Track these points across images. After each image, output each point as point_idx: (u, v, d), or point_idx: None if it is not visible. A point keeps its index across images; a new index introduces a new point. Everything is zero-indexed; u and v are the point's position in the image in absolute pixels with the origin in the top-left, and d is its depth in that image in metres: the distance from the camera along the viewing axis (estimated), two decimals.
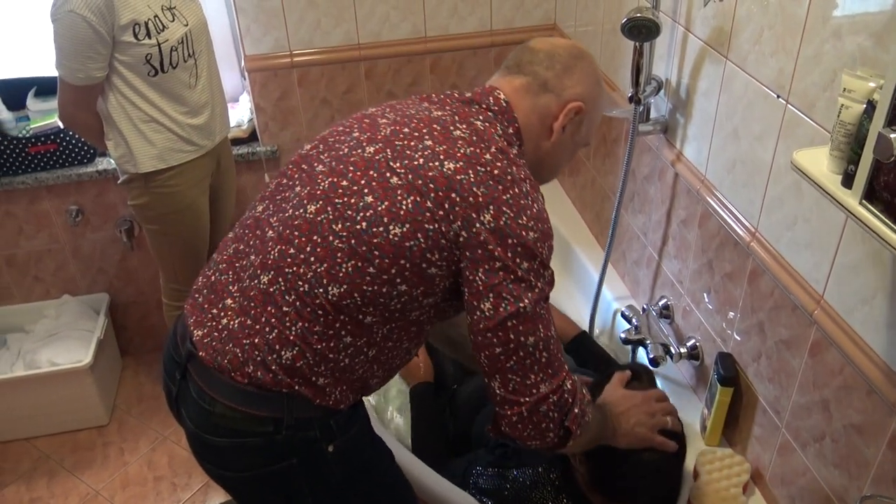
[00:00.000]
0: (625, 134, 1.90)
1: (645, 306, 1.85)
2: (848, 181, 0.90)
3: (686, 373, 1.74)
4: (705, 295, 1.60)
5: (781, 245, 1.30)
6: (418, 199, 1.07)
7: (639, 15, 1.49)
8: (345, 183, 1.13)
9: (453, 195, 1.07)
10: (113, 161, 1.96)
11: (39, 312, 2.60)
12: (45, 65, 2.21)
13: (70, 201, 2.41)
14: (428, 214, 1.07)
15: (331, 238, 1.10)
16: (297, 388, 1.14)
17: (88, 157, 2.33)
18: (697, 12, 1.49)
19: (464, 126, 1.15)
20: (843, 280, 1.15)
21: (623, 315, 1.85)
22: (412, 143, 1.13)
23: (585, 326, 1.87)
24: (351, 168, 1.14)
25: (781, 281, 1.29)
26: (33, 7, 2.22)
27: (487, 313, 1.08)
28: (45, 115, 2.26)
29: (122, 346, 2.76)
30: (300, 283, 1.12)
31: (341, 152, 1.17)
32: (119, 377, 2.69)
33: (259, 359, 1.14)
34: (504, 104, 1.20)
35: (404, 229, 1.07)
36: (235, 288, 1.20)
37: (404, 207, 1.08)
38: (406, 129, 1.15)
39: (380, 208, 1.08)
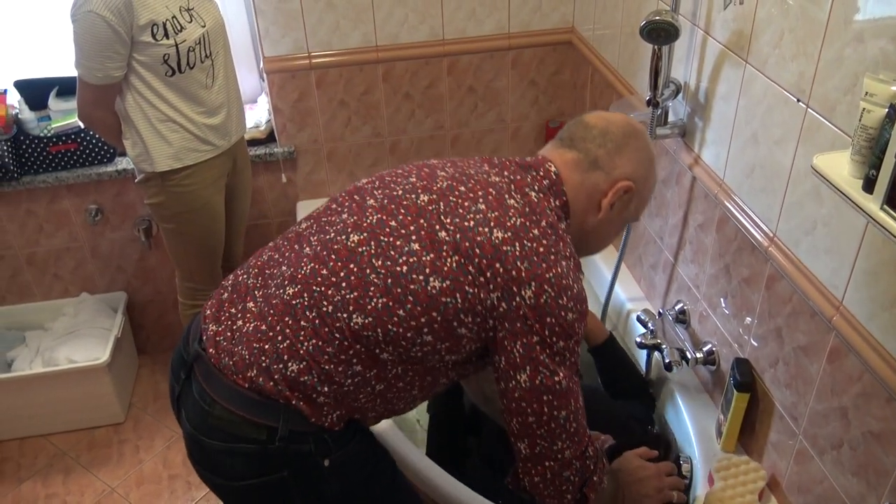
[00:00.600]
0: None
1: (661, 310, 1.84)
2: (869, 186, 0.89)
3: (702, 378, 1.73)
4: (722, 300, 1.58)
5: (800, 250, 1.29)
6: (463, 260, 1.10)
7: (658, 18, 1.48)
8: (393, 223, 1.15)
9: (497, 265, 1.09)
10: (130, 160, 1.98)
11: (58, 310, 2.62)
12: (66, 65, 2.24)
13: (90, 200, 2.44)
14: (469, 278, 1.09)
15: (368, 271, 1.12)
16: (294, 402, 1.14)
17: (108, 157, 2.36)
18: (717, 15, 1.48)
19: (518, 196, 1.17)
20: (863, 286, 1.14)
21: (639, 319, 1.84)
22: (465, 203, 1.15)
23: None
24: (402, 211, 1.16)
25: (800, 286, 1.28)
26: (55, 7, 2.25)
27: (524, 384, 1.12)
28: (66, 115, 2.28)
29: (139, 345, 2.78)
30: (325, 302, 1.13)
31: (395, 193, 1.20)
32: (136, 375, 2.71)
33: (264, 365, 1.15)
34: (554, 176, 1.21)
35: (444, 284, 1.09)
36: (260, 293, 1.21)
37: (448, 265, 1.10)
38: (462, 188, 1.17)
39: (424, 258, 1.11)
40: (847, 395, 1.20)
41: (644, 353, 1.81)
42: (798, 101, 1.24)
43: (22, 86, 2.28)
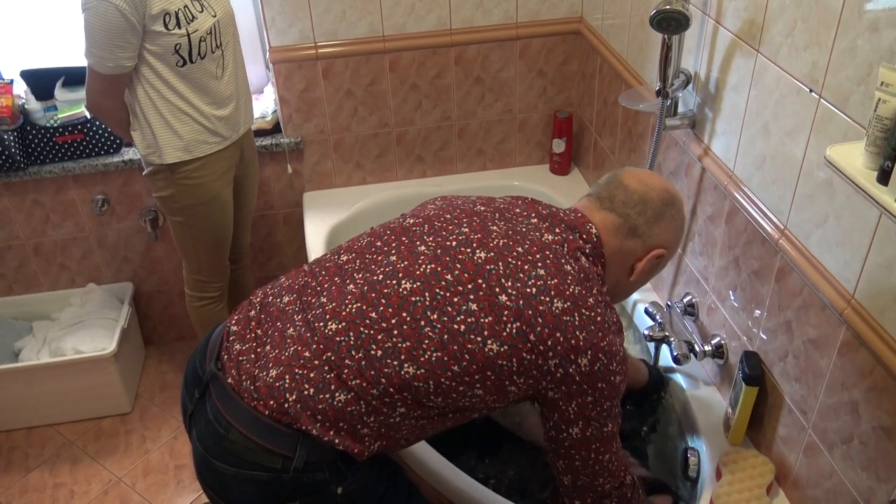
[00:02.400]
0: (651, 128, 1.88)
1: (669, 303, 1.83)
2: (884, 177, 0.88)
3: (710, 371, 1.72)
4: (731, 292, 1.57)
5: (811, 243, 1.27)
6: (524, 328, 1.11)
7: (668, 7, 1.47)
8: (449, 277, 1.15)
9: (558, 335, 1.11)
10: (139, 153, 1.97)
11: (65, 300, 2.63)
12: (72, 55, 2.23)
13: (96, 191, 2.43)
14: (528, 345, 1.11)
15: (422, 323, 1.13)
16: (332, 432, 1.13)
17: (115, 147, 2.35)
18: (728, 4, 1.46)
19: (573, 261, 1.19)
20: (876, 279, 1.13)
21: (646, 312, 1.83)
22: (525, 267, 1.15)
23: None
24: (458, 266, 1.16)
25: (811, 279, 1.26)
26: None
27: (575, 436, 1.18)
28: (72, 105, 2.28)
29: (146, 335, 2.79)
30: (374, 346, 1.13)
31: (448, 243, 1.20)
32: (142, 366, 2.71)
33: (307, 393, 1.13)
34: (595, 239, 1.25)
35: (502, 349, 1.11)
36: (300, 318, 1.19)
37: (507, 330, 1.11)
38: (519, 249, 1.18)
39: (483, 320, 1.12)
40: (858, 389, 1.19)
41: (652, 345, 1.80)
42: (811, 91, 1.23)
43: (28, 76, 2.27)
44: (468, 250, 1.18)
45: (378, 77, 2.31)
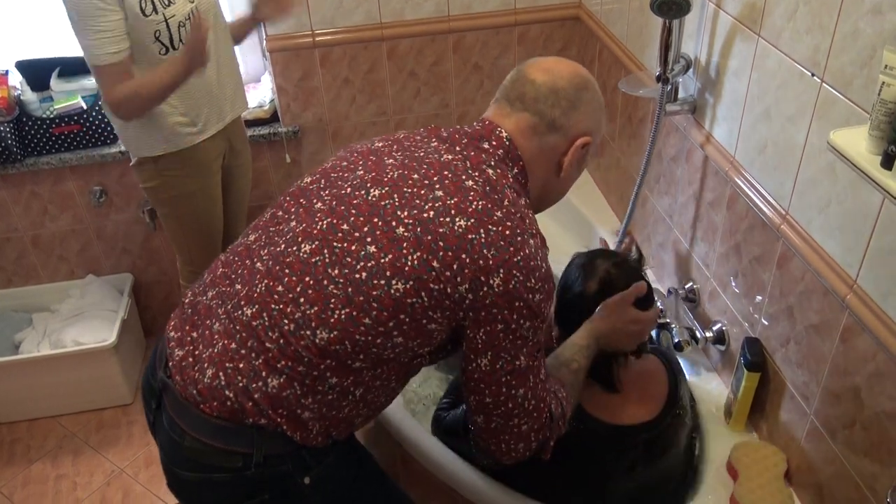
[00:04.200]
0: (651, 114, 1.87)
1: (670, 290, 1.82)
2: (888, 162, 0.87)
3: (712, 357, 1.72)
4: (732, 279, 1.57)
5: (813, 228, 1.27)
6: (426, 256, 1.03)
7: None
8: (345, 227, 1.08)
9: (463, 256, 1.03)
10: (122, 144, 1.95)
11: (64, 292, 2.62)
12: (67, 45, 2.22)
13: (94, 182, 2.42)
14: (434, 274, 1.03)
15: (325, 282, 1.06)
16: (279, 419, 1.10)
17: (112, 138, 2.34)
18: None
19: (476, 174, 1.10)
20: (878, 264, 1.12)
21: None
22: (422, 192, 1.08)
23: None
24: (353, 211, 1.09)
25: (812, 265, 1.26)
26: None
27: (483, 368, 1.09)
28: (68, 96, 2.27)
29: (146, 326, 2.78)
30: (286, 321, 1.08)
31: (343, 191, 1.13)
32: (143, 356, 2.71)
33: (242, 385, 1.09)
34: (507, 143, 1.16)
35: (407, 286, 1.04)
36: (223, 311, 1.15)
37: (409, 263, 1.03)
38: (415, 175, 1.10)
39: (383, 260, 1.04)
40: (860, 375, 1.19)
41: (654, 332, 1.80)
42: (812, 75, 1.22)
43: (24, 66, 2.26)
44: (362, 192, 1.10)
45: (376, 65, 2.30)
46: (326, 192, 1.15)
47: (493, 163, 1.13)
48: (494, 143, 1.15)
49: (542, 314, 1.09)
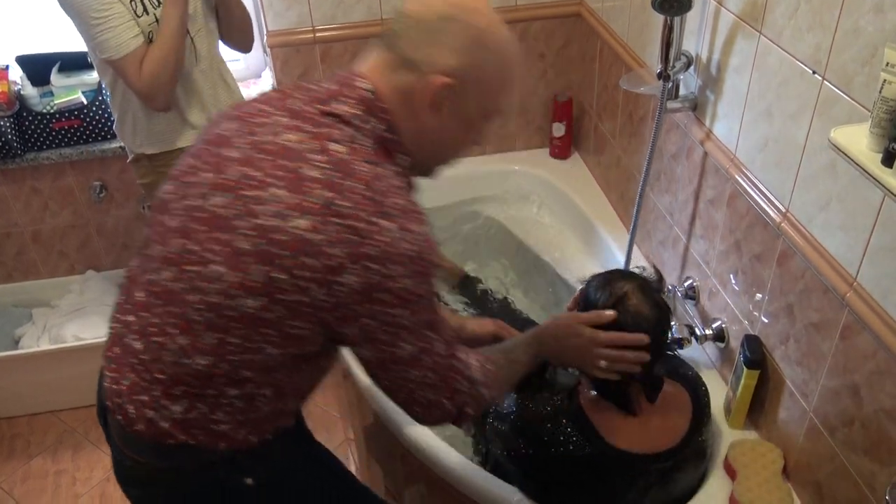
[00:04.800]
0: (652, 111, 1.86)
1: (670, 287, 1.82)
2: (889, 160, 0.87)
3: (711, 355, 1.72)
4: (732, 276, 1.57)
5: (814, 226, 1.27)
6: (268, 268, 0.94)
7: None
8: (195, 247, 0.99)
9: (307, 260, 0.93)
10: (119, 139, 1.96)
11: (64, 287, 2.63)
12: (68, 40, 2.21)
13: (94, 177, 2.42)
14: (282, 286, 0.95)
15: (188, 310, 1.00)
16: (199, 437, 1.07)
17: (112, 134, 2.34)
18: None
19: (319, 158, 0.97)
20: (879, 262, 1.12)
21: None
22: (261, 194, 0.96)
23: None
24: (200, 227, 0.99)
25: (813, 263, 1.26)
26: None
27: (366, 357, 1.05)
28: (69, 91, 2.27)
29: None
30: (164, 352, 1.04)
31: (191, 203, 1.02)
32: None
33: (151, 416, 1.07)
34: (370, 95, 1.02)
35: (260, 302, 0.96)
36: (126, 339, 1.10)
37: (256, 279, 0.95)
38: (255, 173, 0.98)
39: (231, 280, 0.96)
40: (860, 373, 1.19)
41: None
42: (814, 73, 1.21)
43: (24, 61, 2.26)
44: (206, 202, 1.00)
45: None
46: (178, 204, 1.05)
47: (344, 133, 1.00)
48: (352, 99, 1.02)
49: (417, 295, 0.98)
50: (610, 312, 1.29)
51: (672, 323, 1.70)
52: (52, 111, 2.25)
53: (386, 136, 1.03)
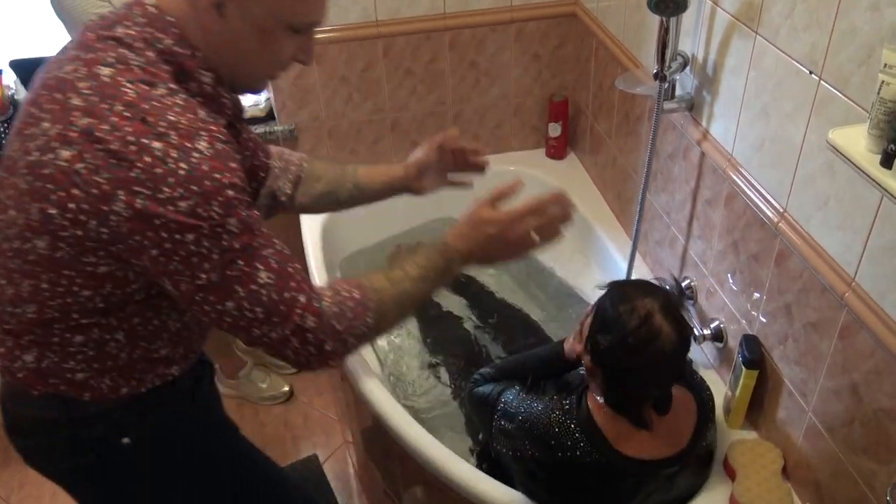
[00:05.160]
0: (648, 112, 1.86)
1: (668, 287, 1.82)
2: (888, 161, 0.87)
3: (710, 355, 1.72)
4: (730, 276, 1.57)
5: (811, 226, 1.27)
6: (42, 205, 0.92)
7: None
8: (0, 195, 0.99)
9: (74, 191, 0.89)
10: None
11: None
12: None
13: None
14: (58, 221, 0.92)
15: (5, 259, 1.00)
16: (60, 387, 1.06)
17: None
18: None
19: (85, 84, 0.92)
20: (877, 262, 1.12)
21: None
22: (34, 130, 0.93)
23: None
24: (2, 175, 1.00)
25: (811, 262, 1.26)
26: None
27: (171, 291, 0.98)
28: None
29: None
30: (2, 304, 1.03)
31: (5, 153, 1.01)
32: None
33: (8, 365, 1.08)
34: (153, 10, 0.96)
35: (46, 241, 0.94)
36: None
37: (35, 218, 0.93)
38: (33, 109, 0.95)
39: (20, 223, 0.95)
40: (858, 372, 1.19)
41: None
42: (810, 73, 1.21)
43: (17, 66, 2.25)
44: (7, 150, 0.99)
45: (372, 63, 2.29)
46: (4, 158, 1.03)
47: (117, 55, 0.94)
48: (140, 18, 0.96)
49: (206, 220, 0.91)
50: (511, 182, 1.24)
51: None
52: None
53: (177, 52, 0.97)
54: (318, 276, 2.05)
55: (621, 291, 1.28)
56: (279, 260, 1.00)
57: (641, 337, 1.21)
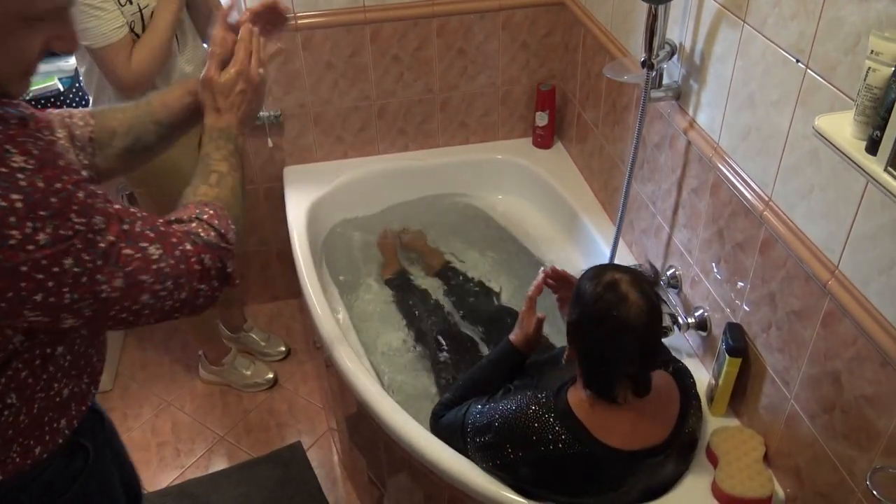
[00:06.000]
0: (636, 100, 1.86)
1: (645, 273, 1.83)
2: (873, 147, 0.88)
3: (693, 343, 1.73)
4: (714, 265, 1.58)
5: (796, 214, 1.28)
6: None
7: None
8: None
9: None
10: None
11: None
12: None
13: None
14: None
15: None
16: None
17: None
18: None
19: None
20: (860, 250, 1.13)
21: None
22: None
23: None
24: None
25: (795, 251, 1.27)
26: None
27: (74, 323, 0.89)
28: (45, 78, 2.22)
29: None
30: None
31: None
32: (122, 344, 2.68)
33: None
34: None
35: None
36: None
37: None
38: None
39: None
40: (840, 360, 1.20)
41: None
42: (797, 61, 1.22)
43: None
44: None
45: (359, 49, 2.28)
46: None
47: None
48: None
49: (71, 236, 0.81)
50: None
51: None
52: (27, 98, 2.20)
53: None
54: (303, 256, 2.04)
55: (593, 269, 1.31)
56: (150, 226, 0.94)
57: (608, 301, 1.22)
